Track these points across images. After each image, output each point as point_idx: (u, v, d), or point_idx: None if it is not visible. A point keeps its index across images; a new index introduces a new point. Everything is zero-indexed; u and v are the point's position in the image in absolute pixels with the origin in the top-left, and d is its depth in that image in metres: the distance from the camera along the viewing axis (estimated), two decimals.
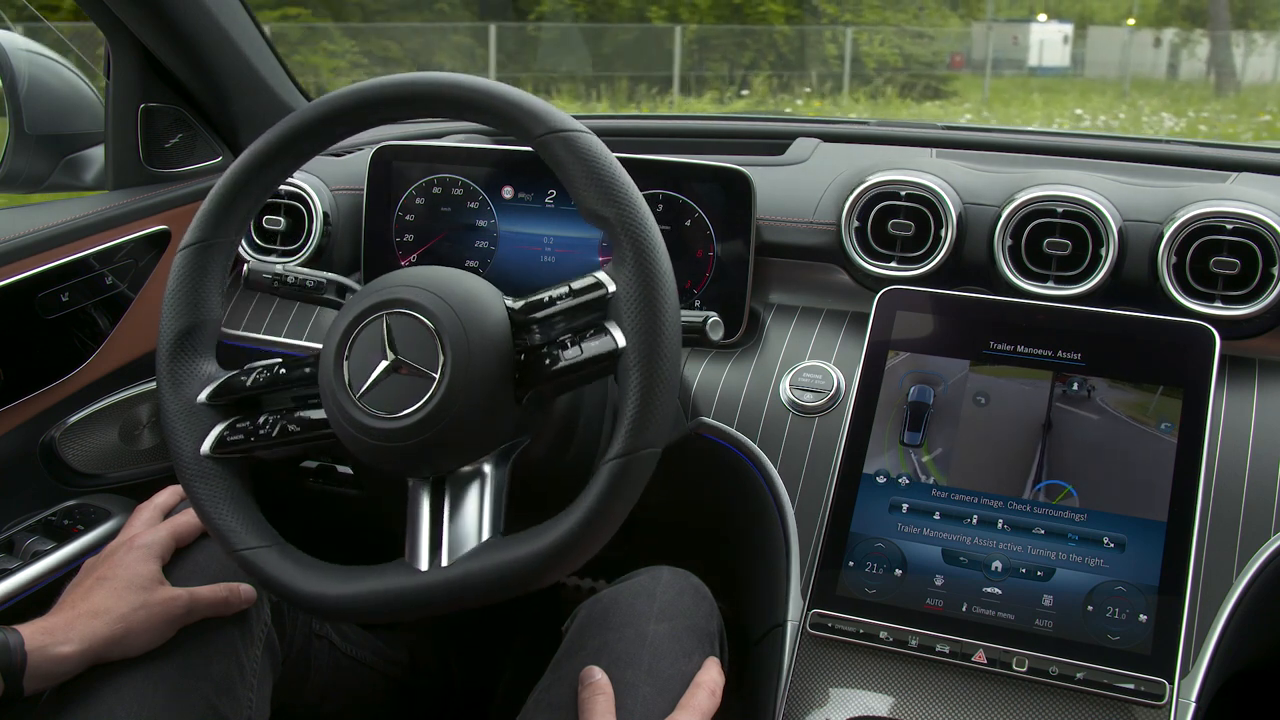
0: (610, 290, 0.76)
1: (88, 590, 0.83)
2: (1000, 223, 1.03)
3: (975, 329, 0.97)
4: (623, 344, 0.74)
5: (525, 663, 1.42)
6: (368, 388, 0.76)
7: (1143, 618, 0.84)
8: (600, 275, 0.77)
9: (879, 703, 0.86)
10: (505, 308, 0.79)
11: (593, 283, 0.77)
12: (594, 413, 0.95)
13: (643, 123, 1.40)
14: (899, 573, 0.90)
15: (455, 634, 1.39)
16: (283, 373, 0.84)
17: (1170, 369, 0.92)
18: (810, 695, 0.87)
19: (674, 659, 0.87)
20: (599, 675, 0.83)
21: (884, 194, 1.07)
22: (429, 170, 1.18)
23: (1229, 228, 0.97)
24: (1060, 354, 0.94)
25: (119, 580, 0.83)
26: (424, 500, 0.78)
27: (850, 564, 0.91)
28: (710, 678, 0.86)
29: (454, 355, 0.75)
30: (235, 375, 0.84)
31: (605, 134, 0.88)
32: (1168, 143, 1.20)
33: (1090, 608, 0.86)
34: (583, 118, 1.44)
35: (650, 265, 0.74)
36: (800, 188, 1.14)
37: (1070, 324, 0.95)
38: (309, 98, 1.37)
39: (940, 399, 0.95)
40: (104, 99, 1.26)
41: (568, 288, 0.78)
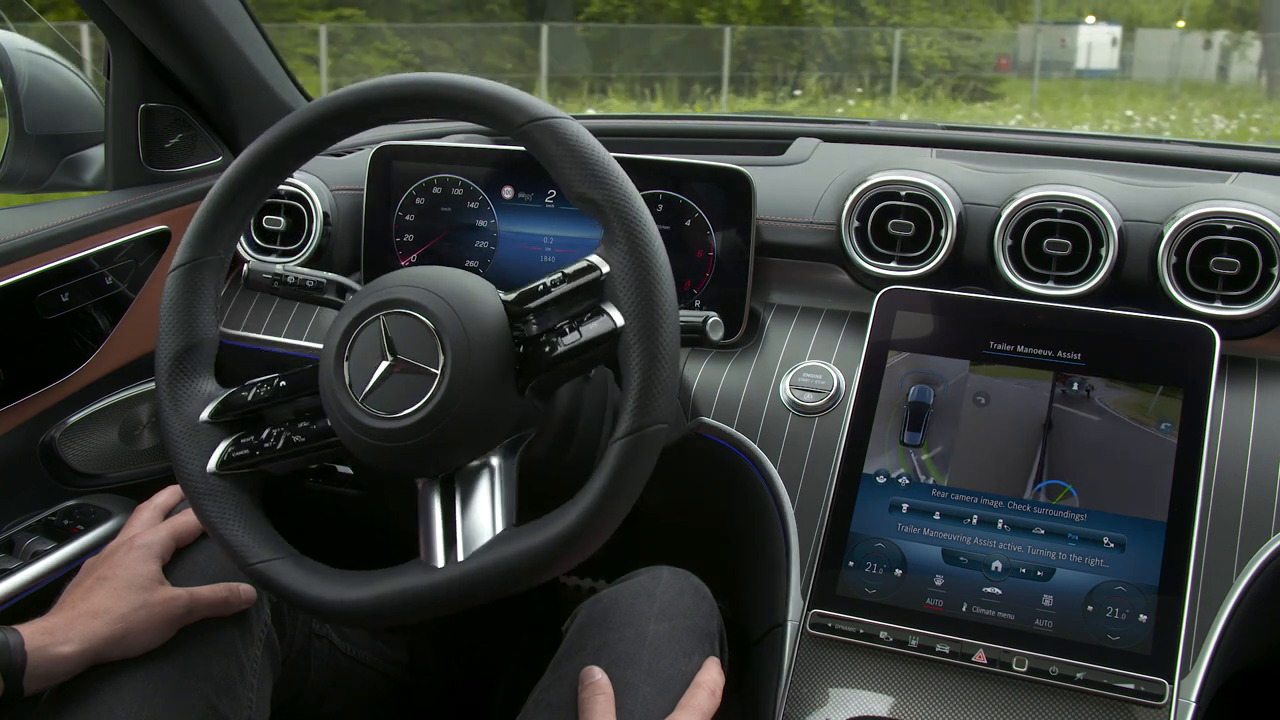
0: (604, 271, 0.76)
1: (88, 590, 0.83)
2: (1000, 223, 1.03)
3: (975, 329, 0.97)
4: (621, 323, 0.74)
5: (525, 663, 1.42)
6: (369, 389, 0.76)
7: (1143, 618, 0.84)
8: (593, 258, 0.77)
9: (879, 703, 0.86)
10: (500, 301, 0.79)
11: (585, 266, 0.77)
12: (594, 413, 0.95)
13: (643, 123, 1.40)
14: (899, 573, 0.90)
15: (455, 634, 1.39)
16: (283, 385, 0.84)
17: (1170, 369, 0.92)
18: (810, 695, 0.87)
19: (674, 659, 0.87)
20: (599, 675, 0.83)
21: (884, 194, 1.07)
22: (429, 170, 1.18)
23: (1229, 228, 0.97)
24: (1060, 354, 0.94)
25: (119, 580, 0.83)
26: (435, 499, 0.78)
27: (850, 564, 0.91)
28: (710, 678, 0.86)
29: (453, 351, 0.75)
30: (236, 392, 0.84)
31: (605, 134, 0.88)
32: (1168, 143, 1.20)
33: (1090, 608, 0.86)
34: (582, 117, 1.44)
35: (642, 243, 0.74)
36: (800, 188, 1.14)
37: (1070, 324, 0.95)
38: (309, 97, 1.37)
39: (940, 399, 0.95)
40: (104, 99, 1.26)
41: (561, 274, 0.78)
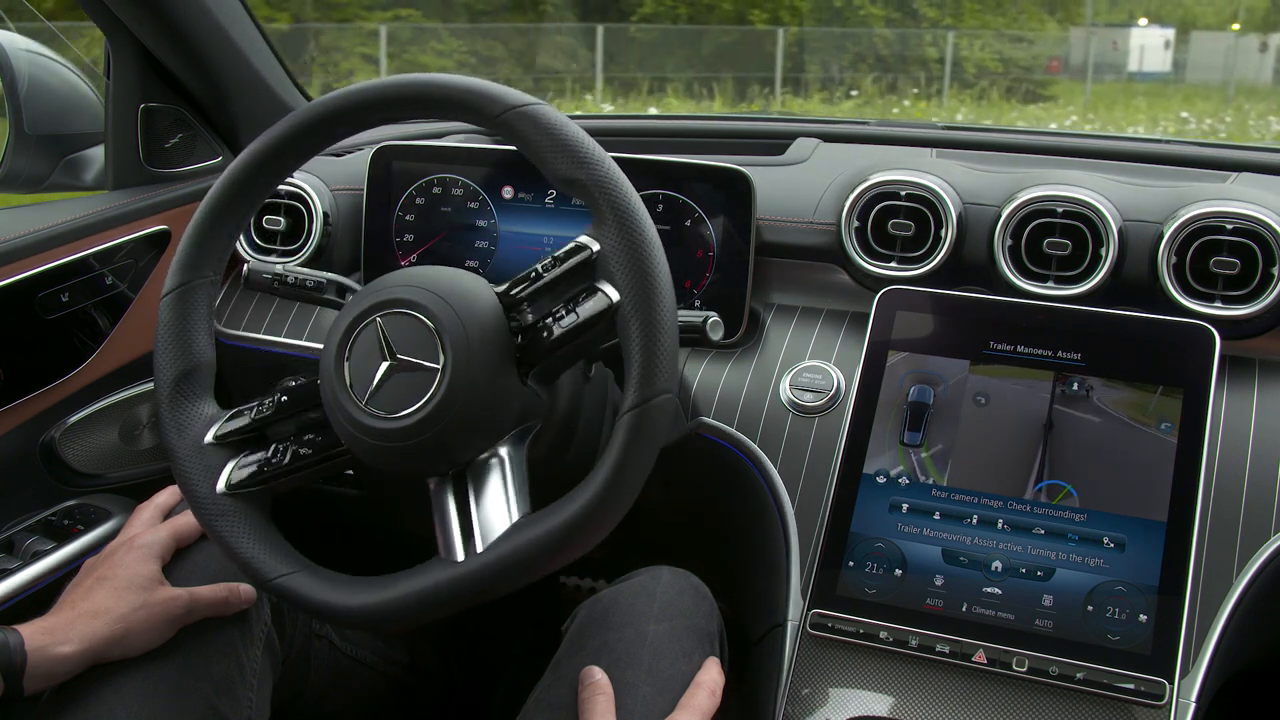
0: (595, 250, 0.76)
1: (88, 590, 0.83)
2: (1000, 223, 1.03)
3: (975, 329, 0.97)
4: (617, 298, 0.74)
5: (525, 663, 1.42)
6: (372, 391, 0.76)
7: (1143, 618, 0.84)
8: (582, 239, 0.77)
9: (879, 703, 0.86)
10: (494, 293, 0.79)
11: (576, 246, 0.77)
12: (594, 414, 0.95)
13: (642, 123, 1.40)
14: (899, 573, 0.90)
15: (455, 634, 1.39)
16: (284, 400, 0.84)
17: (1170, 369, 0.92)
18: (810, 695, 0.87)
19: (674, 659, 0.87)
20: (599, 675, 0.83)
21: (884, 194, 1.07)
22: (429, 170, 1.18)
23: (1229, 228, 0.97)
24: (1060, 354, 0.94)
25: (119, 580, 0.83)
26: (448, 496, 0.78)
27: (850, 564, 0.91)
28: (710, 678, 0.86)
29: (452, 345, 0.75)
30: (238, 411, 0.84)
31: (606, 134, 0.88)
32: (1168, 143, 1.20)
33: (1090, 608, 0.86)
34: (581, 117, 1.44)
35: (630, 217, 0.74)
36: (800, 188, 1.14)
37: (1070, 324, 0.95)
38: (309, 97, 1.37)
39: (940, 399, 0.95)
40: (104, 99, 1.26)
41: (552, 258, 0.78)
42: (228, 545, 0.80)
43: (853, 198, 1.07)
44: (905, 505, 0.92)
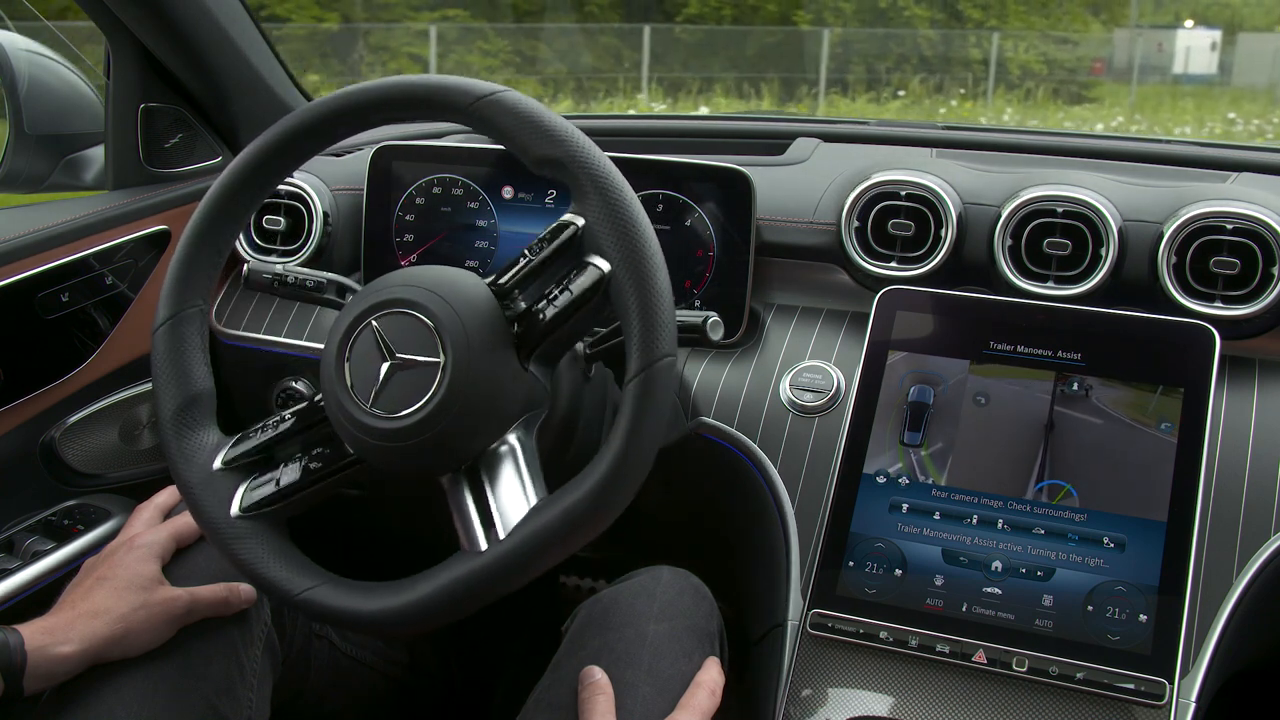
0: (580, 224, 0.76)
1: (88, 590, 0.83)
2: (1000, 223, 1.03)
3: (975, 329, 0.97)
4: (608, 269, 0.74)
5: (525, 663, 1.42)
6: (376, 394, 0.76)
7: (1143, 618, 0.84)
8: (566, 216, 0.77)
9: (879, 703, 0.86)
10: (485, 284, 0.79)
11: (560, 225, 0.77)
12: (594, 414, 0.95)
13: (642, 123, 1.40)
14: (899, 573, 0.90)
15: (455, 634, 1.39)
16: (288, 417, 0.84)
17: (1170, 369, 0.92)
18: (810, 695, 0.87)
19: (674, 659, 0.87)
20: (599, 675, 0.83)
21: (884, 194, 1.07)
22: (429, 170, 1.18)
23: (1229, 228, 0.97)
24: (1060, 354, 0.94)
25: (119, 580, 0.83)
26: (464, 490, 0.77)
27: (850, 564, 0.91)
28: (710, 677, 0.86)
29: (451, 339, 0.75)
30: (243, 435, 0.84)
31: (606, 134, 0.88)
32: (1168, 143, 1.20)
33: (1090, 608, 0.86)
34: (581, 117, 1.44)
35: (612, 189, 0.74)
36: (800, 188, 1.14)
37: (1070, 324, 0.95)
38: (309, 97, 1.37)
39: (940, 399, 0.95)
40: (104, 99, 1.26)
41: (537, 240, 0.78)
42: (249, 568, 0.79)
43: (853, 198, 1.07)
44: (905, 505, 0.92)
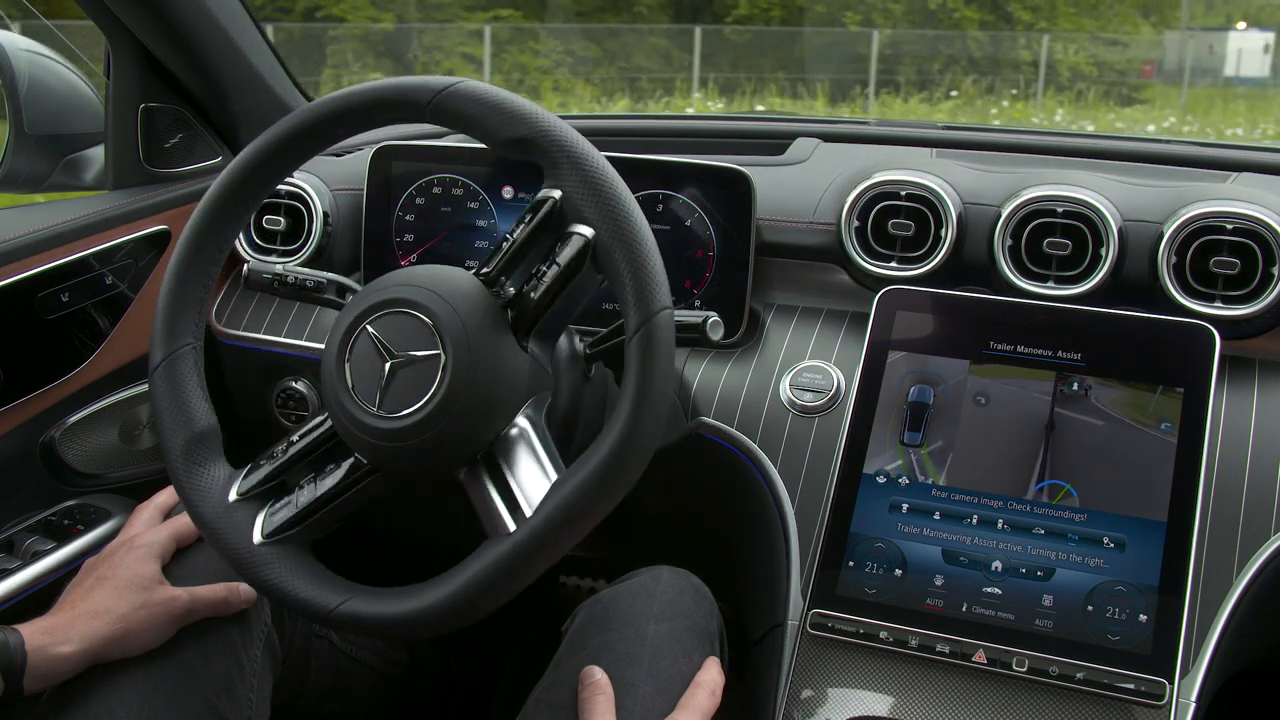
0: (557, 196, 0.76)
1: (88, 590, 0.83)
2: (1000, 223, 1.03)
3: (975, 329, 0.97)
4: (591, 233, 0.74)
5: (525, 663, 1.42)
6: (381, 395, 0.76)
7: (1143, 618, 0.84)
8: (542, 192, 0.77)
9: (879, 703, 0.86)
10: (472, 274, 0.80)
11: (538, 200, 0.77)
12: (594, 414, 0.95)
13: (642, 123, 1.40)
14: (899, 573, 0.90)
15: (455, 634, 1.39)
16: (295, 440, 0.84)
17: (1170, 369, 0.92)
18: (810, 695, 0.87)
19: (674, 659, 0.87)
20: (599, 675, 0.83)
21: (884, 194, 1.07)
22: (429, 170, 1.18)
23: (1229, 228, 0.97)
24: (1060, 354, 0.94)
25: (119, 580, 0.83)
26: (483, 479, 0.77)
27: (850, 564, 0.91)
28: (710, 677, 0.86)
29: (449, 332, 0.75)
30: (254, 465, 0.84)
31: (606, 134, 0.88)
32: (1168, 143, 1.20)
33: (1090, 608, 0.86)
34: (580, 118, 1.44)
35: (583, 158, 0.75)
36: (800, 188, 1.14)
37: (1070, 324, 0.95)
38: (309, 97, 1.37)
39: (940, 399, 0.95)
40: (104, 99, 1.26)
41: (516, 221, 0.78)
42: (280, 591, 0.79)
43: (853, 197, 1.07)
44: (905, 505, 0.92)
